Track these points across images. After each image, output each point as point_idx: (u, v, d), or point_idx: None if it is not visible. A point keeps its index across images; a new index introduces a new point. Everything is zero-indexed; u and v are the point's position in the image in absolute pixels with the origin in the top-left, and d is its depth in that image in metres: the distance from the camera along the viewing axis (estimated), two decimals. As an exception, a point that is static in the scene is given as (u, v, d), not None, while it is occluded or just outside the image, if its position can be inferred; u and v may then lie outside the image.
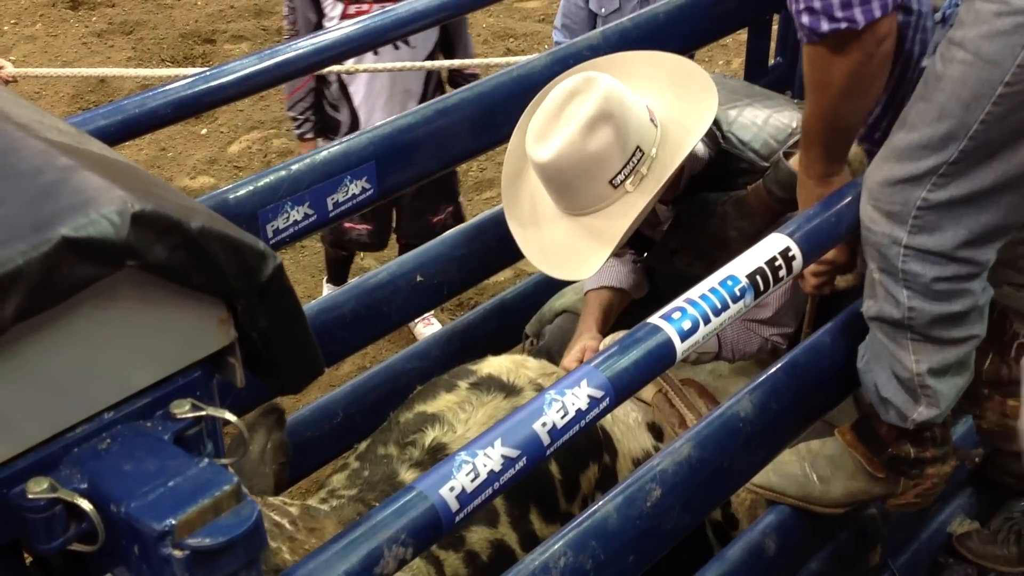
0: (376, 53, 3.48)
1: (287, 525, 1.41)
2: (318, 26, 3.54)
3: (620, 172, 1.99)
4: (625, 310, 2.51)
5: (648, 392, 2.33)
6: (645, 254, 2.38)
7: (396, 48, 3.52)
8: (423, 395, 1.96)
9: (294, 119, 3.75)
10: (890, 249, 1.64)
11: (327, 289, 4.20)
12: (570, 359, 2.30)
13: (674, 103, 2.08)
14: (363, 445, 1.92)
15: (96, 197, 0.85)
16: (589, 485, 1.95)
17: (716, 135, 2.23)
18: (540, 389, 1.92)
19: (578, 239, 2.06)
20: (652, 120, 2.03)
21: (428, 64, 3.39)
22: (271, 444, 1.68)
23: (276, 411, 1.71)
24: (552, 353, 2.54)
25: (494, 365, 2.00)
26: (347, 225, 3.81)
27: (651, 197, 2.01)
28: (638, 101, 2.03)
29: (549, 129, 2.00)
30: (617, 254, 2.47)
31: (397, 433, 1.87)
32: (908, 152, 1.60)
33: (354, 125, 3.65)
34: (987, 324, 1.73)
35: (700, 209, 2.24)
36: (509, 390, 1.93)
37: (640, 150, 1.99)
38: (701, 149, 2.19)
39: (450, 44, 3.68)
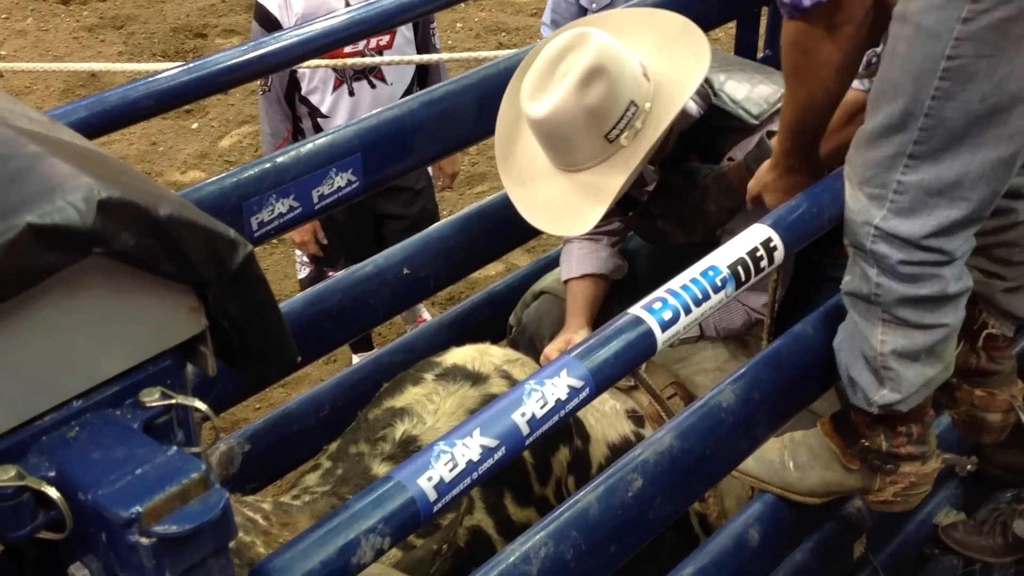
0: (352, 95, 3.49)
1: (260, 520, 1.41)
2: (292, 77, 3.52)
3: (615, 127, 2.01)
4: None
5: (643, 400, 2.33)
6: (630, 213, 2.39)
7: (373, 87, 3.53)
8: (390, 391, 1.96)
9: None
10: (861, 228, 1.64)
11: (357, 359, 3.97)
12: (552, 348, 2.30)
13: (667, 59, 2.10)
14: (333, 446, 1.92)
15: (63, 184, 0.85)
16: (561, 468, 1.96)
17: (707, 92, 2.24)
18: (506, 376, 1.94)
19: (574, 195, 2.07)
20: (645, 75, 2.05)
21: (408, 58, 3.38)
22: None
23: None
24: (531, 334, 2.55)
25: (458, 355, 2.00)
26: (331, 274, 3.71)
27: (646, 151, 2.02)
28: (631, 56, 2.04)
29: (544, 85, 2.01)
30: (594, 238, 2.49)
31: (367, 430, 1.87)
32: (877, 134, 1.61)
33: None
34: (962, 315, 1.73)
35: (684, 179, 2.25)
36: (475, 378, 1.93)
37: (634, 104, 2.01)
38: (692, 106, 2.21)
39: (425, 78, 3.66)
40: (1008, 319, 1.96)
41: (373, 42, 3.44)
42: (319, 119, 3.54)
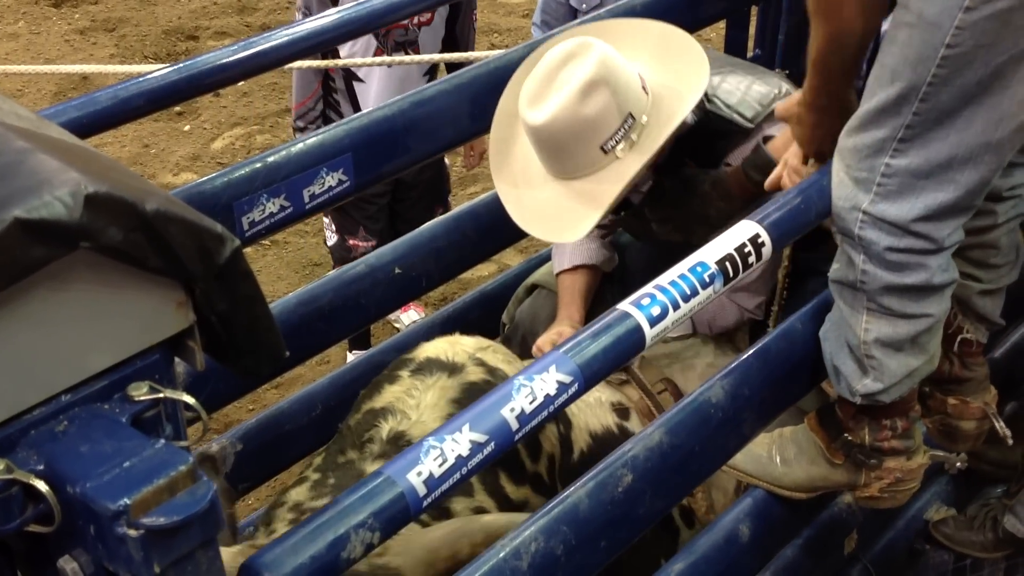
0: (389, 67, 3.55)
1: None
2: None
3: (612, 138, 2.02)
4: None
5: (634, 394, 2.34)
6: (623, 212, 2.40)
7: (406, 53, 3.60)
8: (367, 395, 1.96)
9: (303, 130, 3.72)
10: (850, 214, 1.65)
11: (352, 357, 4.05)
12: (545, 340, 2.31)
13: (664, 71, 2.11)
14: (318, 459, 1.91)
15: (50, 179, 0.86)
16: (552, 445, 1.96)
17: (701, 99, 2.25)
18: (480, 363, 1.95)
19: (568, 203, 2.08)
20: (644, 87, 2.06)
21: (416, 58, 3.42)
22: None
23: (209, 459, 1.69)
24: (524, 332, 2.55)
25: (429, 349, 2.01)
26: (352, 242, 3.85)
27: (643, 163, 2.03)
28: (631, 68, 2.05)
29: (544, 93, 2.02)
30: None
31: (351, 437, 1.87)
32: (869, 118, 1.62)
33: (356, 111, 3.69)
34: (947, 307, 1.73)
35: (682, 185, 2.26)
36: (451, 368, 1.94)
37: (632, 116, 2.02)
38: (688, 115, 2.21)
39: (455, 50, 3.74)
40: (982, 323, 1.96)
41: (416, 19, 3.53)
42: (354, 82, 3.61)
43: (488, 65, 2.41)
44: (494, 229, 2.68)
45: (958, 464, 2.10)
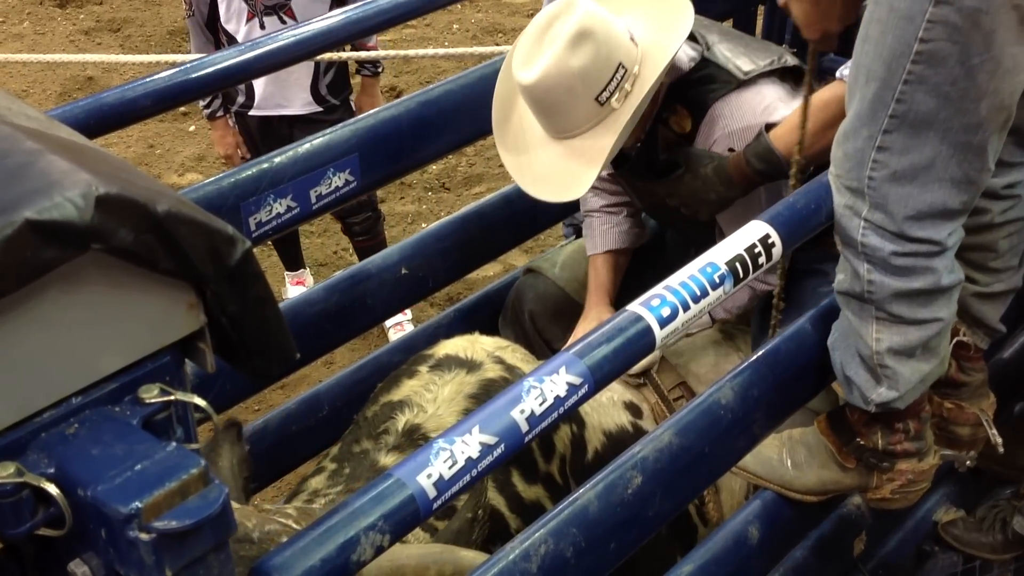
0: (263, 28, 3.54)
1: (293, 524, 1.40)
2: (213, 5, 3.60)
3: (605, 88, 2.04)
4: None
5: (651, 398, 2.35)
6: (626, 166, 2.42)
7: (283, 22, 3.57)
8: (385, 388, 1.98)
9: (207, 103, 3.77)
10: (851, 221, 1.64)
11: (288, 278, 4.37)
12: (580, 330, 2.37)
13: (652, 25, 2.14)
14: (334, 449, 1.93)
15: (61, 180, 0.85)
16: (564, 445, 1.97)
17: (701, 47, 2.27)
18: (499, 360, 1.96)
19: (568, 161, 2.11)
20: (632, 39, 2.09)
21: (403, 53, 3.43)
22: (235, 459, 1.67)
23: (235, 425, 1.70)
24: (513, 307, 2.62)
25: (448, 346, 2.03)
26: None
27: (634, 109, 2.06)
28: (618, 21, 2.09)
29: (534, 52, 2.05)
30: (612, 211, 2.55)
31: (367, 428, 1.88)
32: (850, 124, 1.61)
33: (249, 94, 3.72)
34: (955, 310, 1.72)
35: (686, 166, 2.27)
36: (470, 365, 1.95)
37: (623, 66, 2.05)
38: (683, 58, 2.24)
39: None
40: (980, 328, 1.94)
41: None
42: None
43: (494, 65, 2.41)
44: (500, 229, 2.69)
45: (968, 462, 2.08)
